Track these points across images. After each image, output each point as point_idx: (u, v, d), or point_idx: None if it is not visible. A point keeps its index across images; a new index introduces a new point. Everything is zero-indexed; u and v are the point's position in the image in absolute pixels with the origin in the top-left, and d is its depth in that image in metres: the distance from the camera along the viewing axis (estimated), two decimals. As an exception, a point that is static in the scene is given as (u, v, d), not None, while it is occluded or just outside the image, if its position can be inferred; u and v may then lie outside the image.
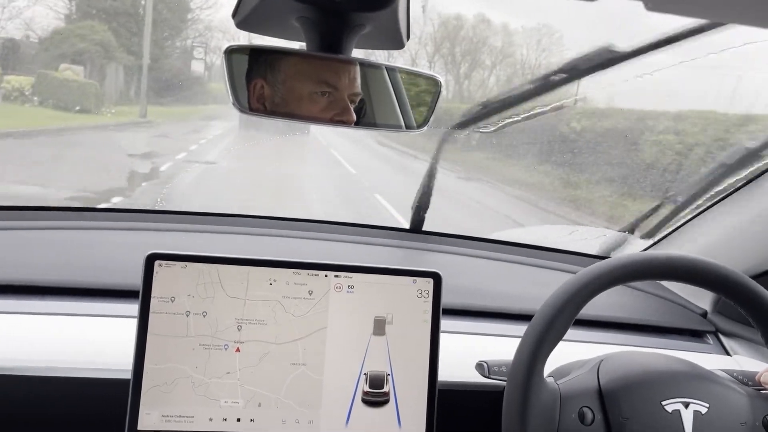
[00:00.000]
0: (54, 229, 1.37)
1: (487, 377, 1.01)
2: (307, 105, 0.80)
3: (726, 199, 1.43)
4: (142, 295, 0.94)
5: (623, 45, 1.28)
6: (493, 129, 1.62)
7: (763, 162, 1.36)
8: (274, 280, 0.98)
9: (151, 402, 0.94)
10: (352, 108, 0.82)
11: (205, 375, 0.95)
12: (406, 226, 1.62)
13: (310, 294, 0.99)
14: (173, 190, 5.80)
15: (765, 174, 1.34)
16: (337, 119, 0.81)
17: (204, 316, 0.96)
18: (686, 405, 0.92)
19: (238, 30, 0.85)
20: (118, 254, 1.28)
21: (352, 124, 0.83)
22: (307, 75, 0.80)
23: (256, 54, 0.79)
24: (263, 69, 0.78)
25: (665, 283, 1.53)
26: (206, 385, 0.95)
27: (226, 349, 0.96)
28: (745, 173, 1.38)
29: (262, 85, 0.79)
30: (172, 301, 0.95)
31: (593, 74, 1.34)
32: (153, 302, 0.95)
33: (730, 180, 1.40)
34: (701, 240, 1.45)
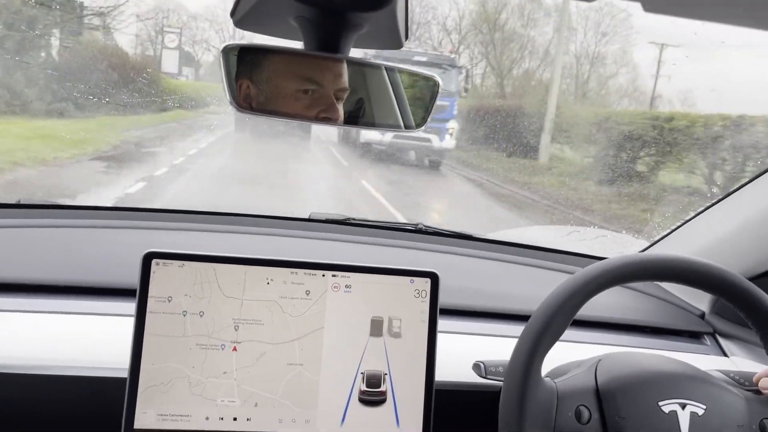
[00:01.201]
0: (51, 227, 1.37)
1: (484, 377, 1.01)
2: (292, 103, 0.80)
3: (724, 201, 1.43)
4: (139, 294, 0.94)
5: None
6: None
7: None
8: (272, 280, 0.98)
9: (147, 401, 0.94)
10: (339, 105, 0.82)
11: (201, 375, 0.95)
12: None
13: (307, 294, 0.99)
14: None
15: (762, 176, 1.34)
16: (322, 116, 0.81)
17: (201, 316, 0.96)
18: (683, 406, 0.92)
19: (226, 20, 0.85)
20: (115, 253, 1.27)
21: (341, 122, 0.83)
22: (290, 73, 0.80)
23: (244, 53, 0.78)
24: (248, 69, 0.78)
25: (663, 284, 1.53)
26: (203, 385, 0.95)
27: (222, 348, 0.96)
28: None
29: (248, 85, 0.79)
30: (169, 301, 0.95)
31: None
32: (150, 302, 0.95)
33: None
34: (699, 241, 1.45)
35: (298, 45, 0.82)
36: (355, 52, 0.83)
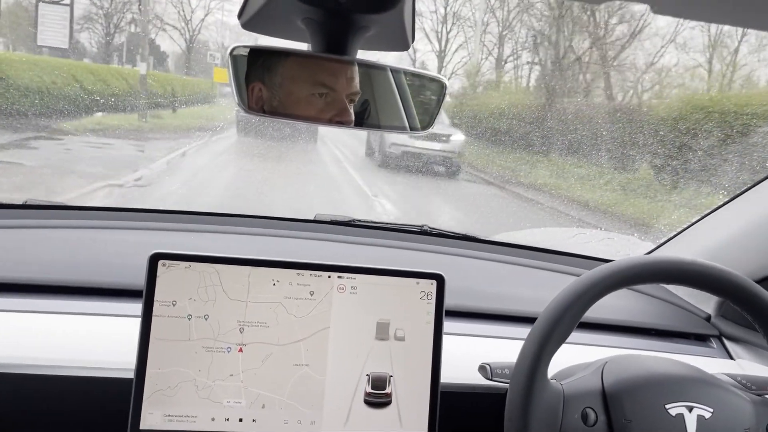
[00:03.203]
0: (58, 227, 1.37)
1: (490, 379, 1.00)
2: (305, 107, 0.81)
3: (731, 203, 1.43)
4: (146, 295, 0.94)
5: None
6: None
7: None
8: (277, 281, 0.98)
9: (153, 404, 0.94)
10: (351, 108, 0.82)
11: (208, 378, 0.95)
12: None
13: (312, 295, 0.99)
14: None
15: (770, 178, 1.34)
16: (336, 120, 0.81)
17: (206, 320, 0.96)
18: (690, 409, 0.92)
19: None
20: (121, 253, 1.28)
21: (352, 125, 0.83)
22: (304, 77, 0.80)
23: (254, 56, 0.79)
24: (261, 72, 0.79)
25: (669, 287, 1.52)
26: (210, 388, 0.95)
27: (228, 351, 0.96)
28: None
29: (260, 88, 0.79)
30: (174, 305, 0.95)
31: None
32: (155, 306, 0.95)
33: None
34: (705, 243, 1.45)
35: (305, 47, 0.83)
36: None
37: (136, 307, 0.96)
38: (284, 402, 0.97)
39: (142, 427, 0.93)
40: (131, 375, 0.94)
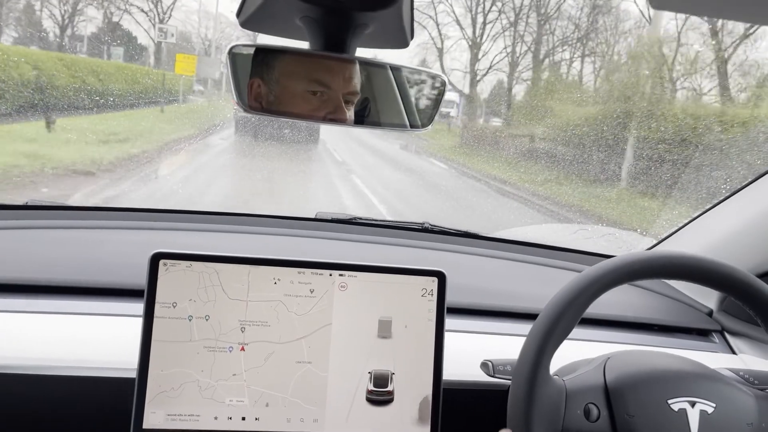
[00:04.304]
0: (59, 228, 1.37)
1: (492, 376, 1.00)
2: (300, 103, 0.81)
3: (731, 198, 1.43)
4: (147, 295, 0.94)
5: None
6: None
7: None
8: (279, 279, 0.98)
9: (157, 405, 0.94)
10: (348, 107, 0.82)
11: (211, 378, 0.95)
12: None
13: (312, 292, 0.99)
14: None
15: (771, 172, 1.33)
16: (330, 117, 0.82)
17: (207, 320, 0.96)
18: (692, 404, 0.92)
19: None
20: (122, 253, 1.28)
21: (351, 123, 0.83)
22: (301, 74, 0.81)
23: (257, 53, 0.79)
24: (260, 68, 0.79)
25: (671, 282, 1.52)
26: (213, 388, 0.95)
27: (230, 351, 0.96)
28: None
29: (259, 84, 0.79)
30: (174, 307, 0.95)
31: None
32: (156, 308, 0.95)
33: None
34: (707, 238, 1.44)
35: (305, 45, 0.83)
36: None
37: (138, 306, 0.96)
38: (287, 400, 0.97)
39: (145, 426, 0.93)
40: (133, 375, 0.94)
